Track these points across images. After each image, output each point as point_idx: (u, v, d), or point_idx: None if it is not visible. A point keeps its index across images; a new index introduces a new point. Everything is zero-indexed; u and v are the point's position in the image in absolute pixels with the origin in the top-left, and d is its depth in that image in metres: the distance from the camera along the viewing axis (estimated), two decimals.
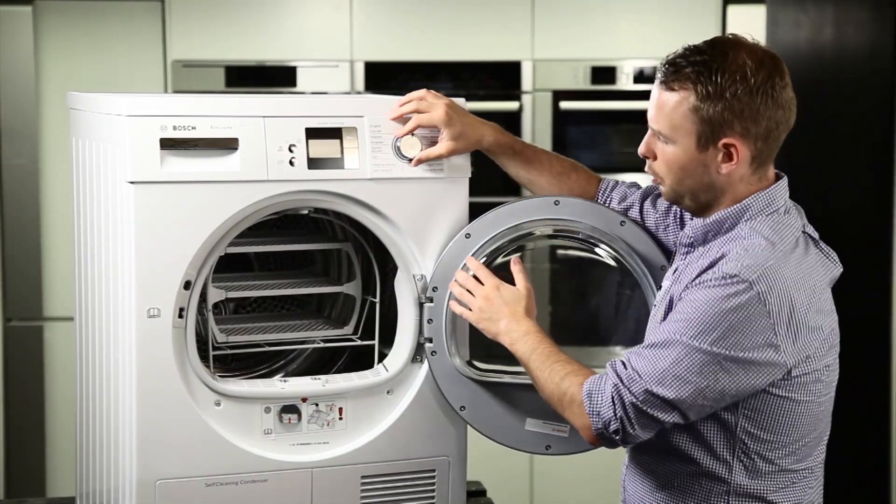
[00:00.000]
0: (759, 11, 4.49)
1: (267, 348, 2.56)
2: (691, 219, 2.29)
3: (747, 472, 2.12)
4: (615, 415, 2.08)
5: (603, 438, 2.12)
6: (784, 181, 2.18)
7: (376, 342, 2.54)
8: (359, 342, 2.56)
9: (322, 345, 2.58)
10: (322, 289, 2.66)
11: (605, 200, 2.49)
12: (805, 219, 2.21)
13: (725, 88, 2.07)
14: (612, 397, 2.08)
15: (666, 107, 2.12)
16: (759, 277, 2.03)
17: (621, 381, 2.07)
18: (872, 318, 3.87)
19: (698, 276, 2.09)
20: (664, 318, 2.14)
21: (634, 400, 2.06)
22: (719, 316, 2.02)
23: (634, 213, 2.46)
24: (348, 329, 2.56)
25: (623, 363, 2.10)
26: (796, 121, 2.15)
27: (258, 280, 2.66)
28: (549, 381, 2.18)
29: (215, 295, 2.46)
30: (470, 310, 2.36)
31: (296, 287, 2.65)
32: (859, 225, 3.99)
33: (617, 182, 2.51)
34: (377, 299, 2.57)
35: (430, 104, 2.40)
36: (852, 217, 4.02)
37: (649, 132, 2.17)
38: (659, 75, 2.14)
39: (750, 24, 4.49)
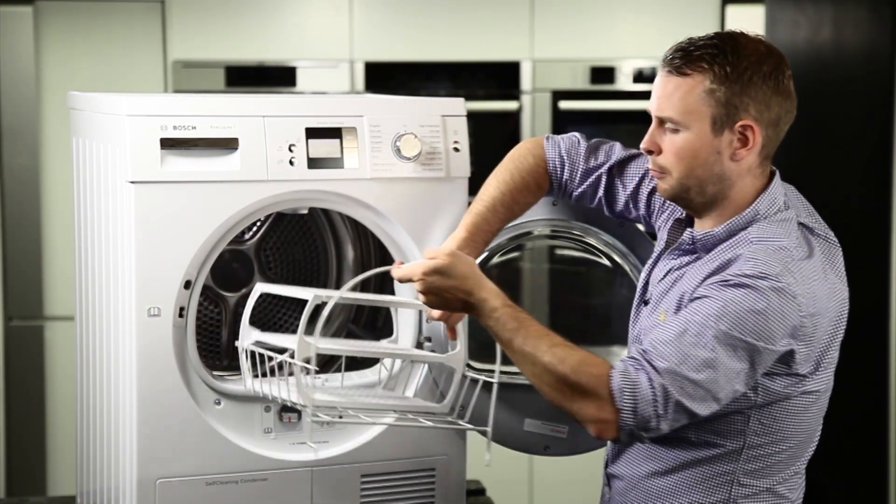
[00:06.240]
0: (758, 11, 4.50)
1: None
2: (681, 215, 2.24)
3: (754, 460, 2.11)
4: (656, 411, 2.00)
5: (629, 435, 2.03)
6: (778, 175, 2.17)
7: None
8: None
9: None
10: (387, 298, 2.48)
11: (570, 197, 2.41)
12: (796, 200, 2.20)
13: (742, 70, 2.07)
14: (655, 393, 1.99)
15: (678, 92, 2.08)
16: (784, 274, 2.01)
17: (661, 375, 1.99)
18: (872, 317, 3.87)
19: (714, 273, 2.06)
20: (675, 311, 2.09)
21: (678, 396, 1.99)
22: (748, 310, 1.99)
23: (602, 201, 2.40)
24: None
25: (646, 360, 2.01)
26: (795, 119, 2.16)
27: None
28: (554, 366, 2.05)
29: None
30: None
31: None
32: (858, 224, 3.99)
33: (564, 181, 2.40)
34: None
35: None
36: (851, 216, 4.02)
37: (653, 126, 2.13)
38: (668, 64, 2.10)
39: (748, 25, 4.51)
